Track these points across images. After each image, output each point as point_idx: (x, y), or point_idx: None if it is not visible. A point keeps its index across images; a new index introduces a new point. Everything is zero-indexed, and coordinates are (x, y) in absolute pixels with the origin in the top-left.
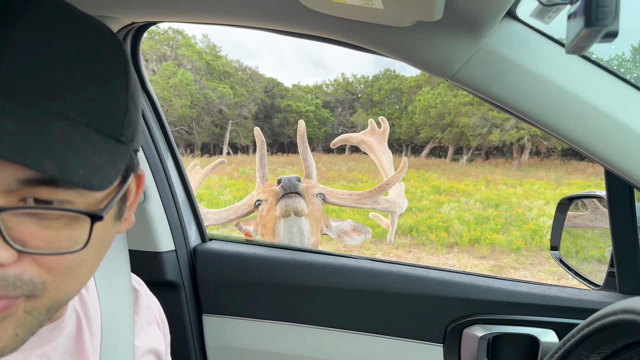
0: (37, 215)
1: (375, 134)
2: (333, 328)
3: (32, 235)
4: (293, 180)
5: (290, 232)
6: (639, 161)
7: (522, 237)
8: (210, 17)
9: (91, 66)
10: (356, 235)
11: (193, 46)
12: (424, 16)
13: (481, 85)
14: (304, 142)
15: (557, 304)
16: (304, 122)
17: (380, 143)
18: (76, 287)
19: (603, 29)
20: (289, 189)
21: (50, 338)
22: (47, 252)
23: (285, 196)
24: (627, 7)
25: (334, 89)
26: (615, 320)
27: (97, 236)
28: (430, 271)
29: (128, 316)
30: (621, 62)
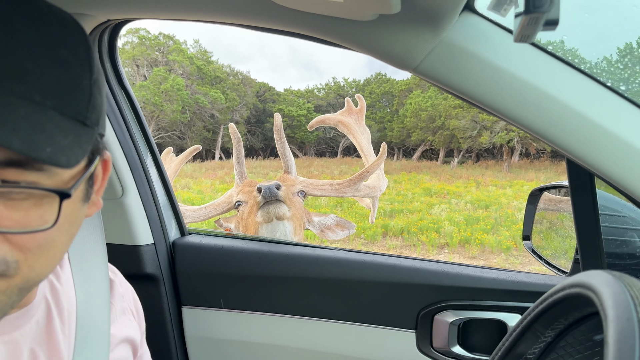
0: (6, 196)
1: (352, 113)
2: (310, 317)
3: (1, 215)
4: (273, 189)
5: (274, 236)
6: (596, 149)
7: (511, 237)
8: (183, 13)
9: (54, 51)
10: (340, 231)
11: (184, 51)
12: (382, 9)
13: (443, 77)
14: (282, 137)
15: (524, 289)
16: (279, 116)
17: (357, 122)
18: (49, 266)
19: (542, 15)
20: (269, 198)
21: (18, 325)
22: (18, 231)
23: (267, 204)
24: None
25: (325, 93)
26: (563, 295)
27: (65, 215)
28: (403, 260)
29: (104, 306)
30: (608, 64)
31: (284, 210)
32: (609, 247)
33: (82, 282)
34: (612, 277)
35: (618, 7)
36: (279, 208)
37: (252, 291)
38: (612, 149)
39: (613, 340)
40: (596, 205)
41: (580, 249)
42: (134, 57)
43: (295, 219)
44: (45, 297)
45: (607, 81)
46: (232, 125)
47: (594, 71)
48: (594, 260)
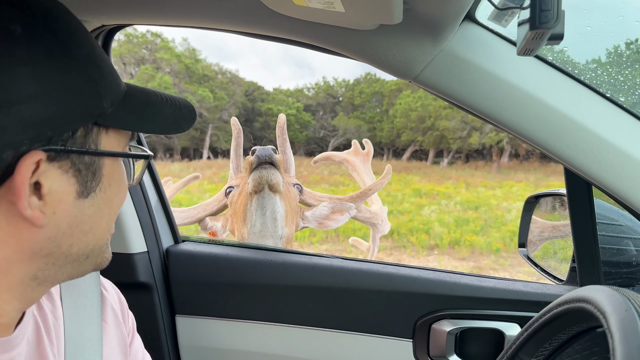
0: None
1: (359, 154)
2: (306, 326)
3: None
4: (267, 149)
5: (263, 215)
6: (594, 158)
7: (501, 238)
8: (178, 19)
9: None
10: (339, 216)
11: (172, 49)
12: (384, 19)
13: (443, 87)
14: (284, 134)
15: (521, 298)
16: (284, 115)
17: (363, 164)
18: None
19: (547, 31)
20: (263, 159)
21: (15, 343)
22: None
23: (259, 167)
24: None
25: (315, 93)
26: (565, 309)
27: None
28: (400, 268)
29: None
30: (598, 66)
31: (277, 178)
32: (606, 256)
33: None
34: (615, 292)
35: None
36: (272, 174)
37: (247, 299)
38: (610, 159)
39: (620, 353)
40: (593, 214)
41: (577, 257)
42: (121, 55)
43: (288, 205)
44: (33, 314)
45: (606, 92)
46: (235, 118)
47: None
48: (590, 269)
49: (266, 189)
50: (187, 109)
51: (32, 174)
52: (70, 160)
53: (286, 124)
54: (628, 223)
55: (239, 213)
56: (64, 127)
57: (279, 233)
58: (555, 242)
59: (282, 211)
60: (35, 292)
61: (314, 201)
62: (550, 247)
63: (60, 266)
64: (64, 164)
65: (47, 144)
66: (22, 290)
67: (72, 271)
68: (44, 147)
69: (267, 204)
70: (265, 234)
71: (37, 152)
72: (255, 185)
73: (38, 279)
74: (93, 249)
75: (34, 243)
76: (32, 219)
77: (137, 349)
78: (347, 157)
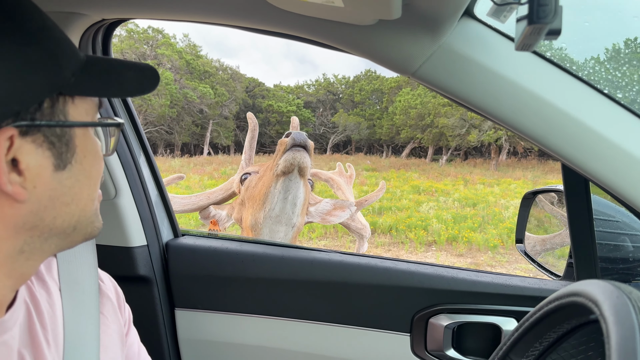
0: None
1: (343, 175)
2: (304, 320)
3: None
4: (303, 134)
5: (285, 198)
6: (592, 155)
7: (498, 235)
8: (178, 14)
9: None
10: (340, 212)
11: (173, 45)
12: (383, 14)
13: (442, 82)
14: None
15: (518, 293)
16: (297, 119)
17: (347, 184)
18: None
19: (545, 26)
20: (298, 142)
21: (8, 327)
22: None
23: (293, 149)
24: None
25: (315, 90)
26: (557, 305)
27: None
28: (398, 263)
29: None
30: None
31: (308, 161)
32: (602, 252)
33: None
34: (611, 285)
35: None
36: (304, 157)
37: (246, 293)
38: (607, 155)
39: (615, 346)
40: (591, 210)
41: (574, 253)
42: (122, 51)
43: (307, 194)
44: (25, 301)
45: (604, 88)
46: (251, 113)
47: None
48: (587, 264)
49: (295, 172)
50: (150, 71)
51: (8, 150)
52: (42, 133)
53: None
54: (625, 219)
55: (258, 196)
56: (30, 100)
57: (293, 220)
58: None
59: (302, 199)
60: (25, 268)
61: (314, 202)
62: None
63: (46, 238)
64: (37, 137)
65: (16, 119)
66: (11, 266)
67: (60, 242)
68: (14, 123)
69: (292, 187)
70: (281, 219)
71: (8, 129)
72: (287, 166)
73: (25, 252)
74: (79, 220)
75: (17, 218)
76: (14, 194)
77: (132, 341)
78: (333, 176)
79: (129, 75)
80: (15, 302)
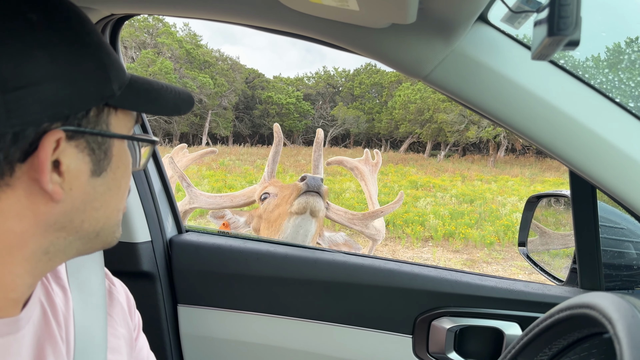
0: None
1: (368, 164)
2: (306, 319)
3: None
4: (318, 180)
5: (297, 232)
6: (600, 163)
7: (495, 232)
8: (188, 11)
9: None
10: (346, 249)
11: (173, 34)
12: (398, 19)
13: (453, 87)
14: (320, 150)
15: (522, 298)
16: (322, 131)
17: (371, 173)
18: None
19: (564, 38)
20: (312, 188)
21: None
22: None
23: (307, 193)
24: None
25: (315, 82)
26: (567, 315)
27: None
28: (402, 265)
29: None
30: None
31: (320, 205)
32: (606, 258)
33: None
34: (627, 303)
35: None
36: (317, 202)
37: (248, 291)
38: (615, 163)
39: (629, 359)
40: (596, 217)
41: (579, 258)
42: (122, 39)
43: (319, 226)
44: (40, 299)
45: (616, 97)
46: (277, 125)
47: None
48: (591, 271)
49: (307, 213)
50: (186, 94)
51: (53, 152)
52: (85, 139)
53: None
54: (630, 226)
55: (274, 223)
56: (79, 107)
57: None
58: (555, 242)
59: (313, 231)
60: (45, 267)
61: (335, 216)
62: (550, 246)
63: (71, 241)
64: (80, 143)
65: (65, 123)
66: (35, 264)
67: (81, 247)
68: (62, 126)
69: (304, 224)
70: None
71: (57, 131)
72: (300, 209)
73: (49, 253)
74: (103, 227)
75: (50, 216)
76: (52, 193)
77: (141, 347)
78: (358, 164)
79: (168, 95)
80: (29, 300)
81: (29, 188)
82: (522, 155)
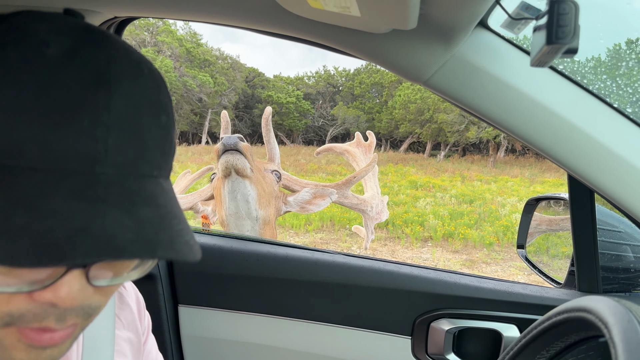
0: None
1: (360, 145)
2: (306, 320)
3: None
4: (234, 137)
5: (234, 198)
6: (598, 167)
7: (494, 232)
8: (191, 14)
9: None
10: (321, 201)
11: (173, 33)
12: (399, 25)
13: (453, 91)
14: (268, 125)
15: (520, 301)
16: (270, 108)
17: (364, 154)
18: None
19: (563, 46)
20: (229, 146)
21: None
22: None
23: (226, 153)
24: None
25: (315, 81)
26: (564, 318)
27: None
28: (401, 266)
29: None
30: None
31: (242, 163)
32: (604, 261)
33: None
34: (622, 307)
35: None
36: (237, 159)
37: (249, 292)
38: (613, 168)
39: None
40: (594, 220)
41: (577, 261)
42: (123, 39)
43: (261, 189)
44: None
45: (614, 102)
46: (225, 112)
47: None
48: (589, 273)
49: (234, 174)
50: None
51: None
52: None
53: (271, 115)
54: (627, 230)
55: (217, 197)
56: None
57: (253, 215)
58: (554, 244)
59: (254, 194)
60: None
61: (299, 187)
62: (549, 249)
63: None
64: None
65: None
66: None
67: None
68: None
69: (237, 187)
70: (240, 215)
71: None
72: (224, 169)
73: None
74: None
75: None
76: None
77: (150, 349)
78: (349, 148)
79: None
80: None
81: None
82: (522, 156)
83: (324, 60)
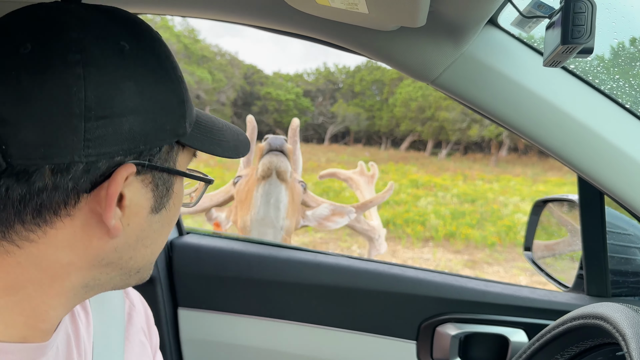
0: None
1: (364, 175)
2: (308, 323)
3: None
4: (280, 138)
5: (267, 202)
6: (609, 169)
7: (496, 232)
8: (194, 10)
9: None
10: (339, 219)
11: (171, 29)
12: (408, 22)
13: (462, 91)
14: (295, 136)
15: (527, 305)
16: (297, 120)
17: (367, 184)
18: None
19: (578, 46)
20: (274, 147)
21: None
22: None
23: (270, 153)
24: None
25: (315, 78)
26: (580, 324)
27: None
28: (406, 270)
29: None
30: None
31: (286, 165)
32: (614, 264)
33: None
34: (635, 313)
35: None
36: (282, 161)
37: (250, 294)
38: (624, 170)
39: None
40: (604, 223)
41: (586, 264)
42: None
43: (292, 198)
44: (66, 325)
45: (626, 103)
46: (251, 116)
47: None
48: (598, 277)
49: (274, 176)
50: (242, 135)
51: None
52: (152, 175)
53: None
54: (637, 233)
55: (245, 200)
56: (155, 143)
57: (280, 223)
58: (562, 247)
59: (285, 201)
60: (79, 300)
61: (315, 204)
62: (556, 251)
63: (113, 277)
64: (146, 177)
65: (138, 157)
66: (71, 297)
67: (119, 282)
68: (135, 159)
69: (273, 191)
70: (267, 222)
71: (130, 165)
72: (265, 170)
73: (88, 287)
74: (145, 264)
75: (100, 251)
76: (113, 229)
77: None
78: (353, 176)
79: (228, 136)
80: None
81: (87, 220)
82: (524, 155)
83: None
